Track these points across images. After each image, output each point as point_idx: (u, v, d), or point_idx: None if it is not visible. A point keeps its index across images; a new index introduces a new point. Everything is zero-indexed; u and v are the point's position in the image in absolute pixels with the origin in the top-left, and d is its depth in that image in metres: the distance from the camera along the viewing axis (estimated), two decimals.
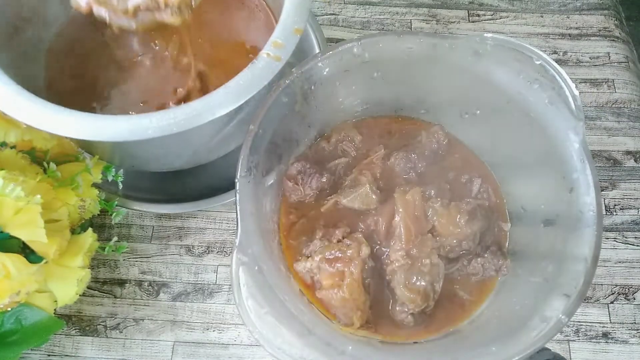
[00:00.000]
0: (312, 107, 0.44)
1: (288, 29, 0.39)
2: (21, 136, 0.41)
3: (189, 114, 0.35)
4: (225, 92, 0.36)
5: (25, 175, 0.38)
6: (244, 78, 0.36)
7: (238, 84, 0.36)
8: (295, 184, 0.45)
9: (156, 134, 0.34)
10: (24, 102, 0.36)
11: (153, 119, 0.35)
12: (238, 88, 0.36)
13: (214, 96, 0.36)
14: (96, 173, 0.44)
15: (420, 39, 0.42)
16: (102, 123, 0.35)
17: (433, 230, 0.42)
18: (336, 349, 0.34)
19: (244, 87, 0.36)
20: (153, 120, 0.35)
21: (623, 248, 0.52)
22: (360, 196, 0.44)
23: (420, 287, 0.40)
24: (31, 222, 0.36)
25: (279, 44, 0.38)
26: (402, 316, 0.41)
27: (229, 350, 0.47)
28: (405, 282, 0.40)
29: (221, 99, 0.36)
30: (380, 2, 0.66)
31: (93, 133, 0.35)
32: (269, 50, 0.37)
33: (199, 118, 0.35)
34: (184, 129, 0.35)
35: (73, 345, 0.47)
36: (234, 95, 0.36)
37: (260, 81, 0.37)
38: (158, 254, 0.51)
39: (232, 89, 0.36)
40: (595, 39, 0.64)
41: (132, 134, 0.35)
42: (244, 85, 0.36)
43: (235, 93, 0.36)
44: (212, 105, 0.35)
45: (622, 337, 0.48)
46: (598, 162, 0.56)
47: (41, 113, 0.35)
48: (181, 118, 0.35)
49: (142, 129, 0.35)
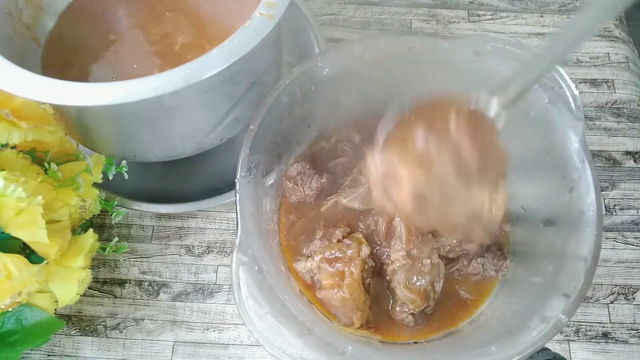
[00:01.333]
0: (312, 107, 0.44)
1: None
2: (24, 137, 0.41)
3: (182, 73, 0.35)
4: (219, 51, 0.36)
5: (26, 176, 0.38)
6: (237, 37, 0.36)
7: (232, 43, 0.36)
8: (295, 185, 0.45)
9: (151, 95, 0.34)
10: (18, 74, 0.36)
11: (147, 80, 0.35)
12: (232, 47, 0.36)
13: (207, 56, 0.36)
14: (97, 173, 0.44)
15: (420, 39, 0.42)
16: (97, 88, 0.35)
17: (433, 230, 0.42)
18: (336, 349, 0.34)
19: (237, 46, 0.36)
20: (147, 82, 0.35)
21: (623, 248, 0.52)
22: (360, 196, 0.44)
23: (421, 287, 0.40)
24: (32, 222, 0.36)
25: (272, 3, 0.38)
26: (402, 316, 0.41)
27: (229, 350, 0.47)
28: (405, 282, 0.40)
29: (215, 57, 0.36)
30: (380, 2, 0.66)
31: (87, 99, 0.35)
32: (261, 10, 0.37)
33: (194, 77, 0.35)
34: (178, 87, 0.34)
35: (73, 345, 0.47)
36: (228, 53, 0.36)
37: (254, 38, 0.36)
38: (158, 254, 0.51)
39: (226, 48, 0.36)
40: (595, 39, 0.64)
41: (126, 96, 0.34)
42: (238, 43, 0.36)
43: (229, 51, 0.36)
44: (206, 63, 0.35)
45: (622, 337, 0.48)
46: (598, 162, 0.56)
47: (34, 83, 0.35)
48: (175, 77, 0.35)
49: (137, 90, 0.35)
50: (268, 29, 0.37)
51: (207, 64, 0.35)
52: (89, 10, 0.50)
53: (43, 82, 0.36)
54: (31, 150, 0.42)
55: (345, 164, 0.48)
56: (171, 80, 0.35)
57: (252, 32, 0.37)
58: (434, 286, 0.41)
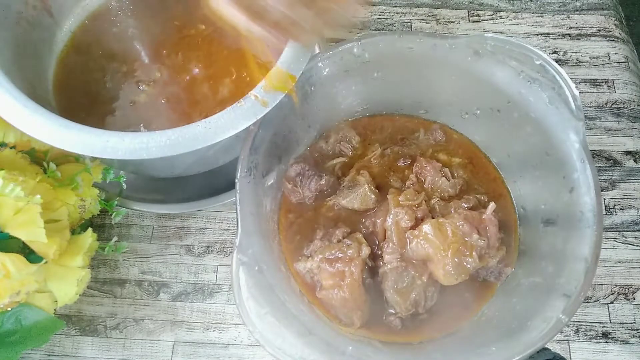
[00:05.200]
0: (312, 107, 0.44)
1: (282, 74, 0.38)
2: (20, 136, 0.41)
3: (160, 142, 0.34)
4: (204, 128, 0.35)
5: (25, 175, 0.38)
6: (225, 117, 0.35)
7: (219, 121, 0.35)
8: (294, 186, 0.45)
9: (126, 157, 0.34)
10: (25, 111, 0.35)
11: (125, 140, 0.34)
12: (217, 125, 0.35)
13: (191, 128, 0.35)
14: (96, 173, 0.44)
15: (420, 39, 0.42)
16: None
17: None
18: (336, 349, 0.34)
19: (223, 126, 0.35)
20: (125, 142, 0.34)
21: (623, 248, 0.52)
22: (359, 196, 0.44)
23: (410, 292, 0.40)
24: (31, 222, 0.36)
25: (269, 88, 0.37)
26: (390, 319, 0.41)
27: (229, 350, 0.47)
28: (394, 285, 0.40)
29: (198, 133, 0.35)
30: (380, 2, 0.66)
31: (105, 152, 0.34)
32: (257, 93, 0.36)
33: (172, 148, 0.34)
34: (153, 156, 0.34)
35: (73, 345, 0.47)
36: (212, 132, 0.35)
37: (241, 123, 0.36)
38: (158, 254, 0.51)
39: (212, 125, 0.35)
40: (595, 39, 0.64)
41: (103, 152, 0.34)
42: (224, 124, 0.35)
43: (214, 130, 0.35)
44: (187, 138, 0.35)
45: (622, 337, 0.48)
46: (598, 162, 0.56)
47: (42, 125, 0.35)
48: (153, 145, 0.34)
49: (111, 149, 0.34)
50: (258, 115, 0.36)
51: (189, 138, 0.35)
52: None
53: (48, 123, 0.35)
54: (30, 150, 0.42)
55: (344, 165, 0.47)
56: (148, 148, 0.34)
57: (241, 114, 0.36)
58: (426, 293, 0.40)
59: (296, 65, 0.38)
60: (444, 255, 0.38)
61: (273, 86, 0.37)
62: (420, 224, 0.40)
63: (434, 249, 0.38)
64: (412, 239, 0.39)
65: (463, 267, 0.38)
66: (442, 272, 0.38)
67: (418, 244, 0.39)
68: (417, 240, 0.39)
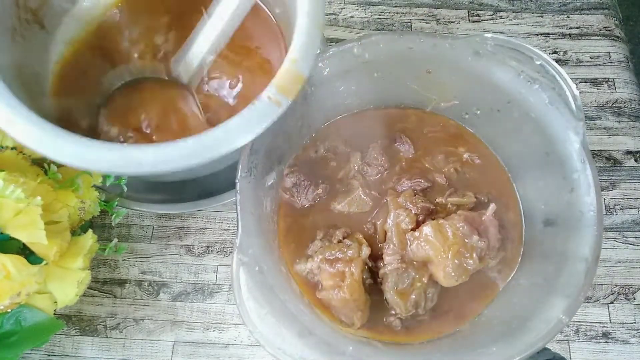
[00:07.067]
0: (312, 107, 0.44)
1: (292, 73, 0.36)
2: None
3: (167, 155, 0.32)
4: (224, 132, 0.33)
5: (26, 177, 0.38)
6: (242, 119, 0.34)
7: (233, 127, 0.33)
8: (291, 197, 0.45)
9: (151, 170, 0.32)
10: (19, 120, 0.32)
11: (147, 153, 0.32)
12: (232, 131, 0.33)
13: (210, 134, 0.33)
14: (96, 175, 0.44)
15: (421, 39, 0.42)
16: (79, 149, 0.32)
17: None
18: (337, 349, 0.34)
19: (238, 132, 0.33)
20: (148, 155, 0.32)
21: (623, 248, 0.52)
22: (354, 201, 0.44)
23: (410, 293, 0.40)
24: (31, 223, 0.36)
25: (282, 87, 0.35)
26: (390, 319, 0.41)
27: (229, 350, 0.47)
28: (394, 286, 0.40)
29: (212, 143, 0.33)
30: (380, 2, 0.66)
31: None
32: (270, 93, 0.35)
33: (180, 162, 0.32)
34: (179, 168, 0.32)
35: (73, 345, 0.47)
36: (234, 136, 0.33)
37: (259, 124, 0.34)
38: (158, 254, 0.51)
39: (231, 128, 0.33)
40: (595, 38, 0.64)
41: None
42: (240, 128, 0.34)
43: (235, 134, 0.33)
44: (206, 146, 0.33)
45: (622, 337, 0.48)
46: (598, 162, 0.56)
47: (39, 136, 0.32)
48: (175, 156, 0.32)
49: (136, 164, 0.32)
50: (274, 117, 0.34)
51: (204, 147, 0.32)
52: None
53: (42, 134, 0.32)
54: None
55: (337, 170, 0.47)
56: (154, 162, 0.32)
57: (256, 116, 0.34)
58: (426, 294, 0.40)
59: (305, 64, 0.37)
60: (444, 256, 0.38)
61: (283, 86, 0.36)
62: (420, 226, 0.40)
63: (435, 250, 0.38)
64: (412, 241, 0.40)
65: (463, 268, 0.38)
66: (442, 273, 0.38)
67: (418, 245, 0.39)
68: (417, 242, 0.39)
